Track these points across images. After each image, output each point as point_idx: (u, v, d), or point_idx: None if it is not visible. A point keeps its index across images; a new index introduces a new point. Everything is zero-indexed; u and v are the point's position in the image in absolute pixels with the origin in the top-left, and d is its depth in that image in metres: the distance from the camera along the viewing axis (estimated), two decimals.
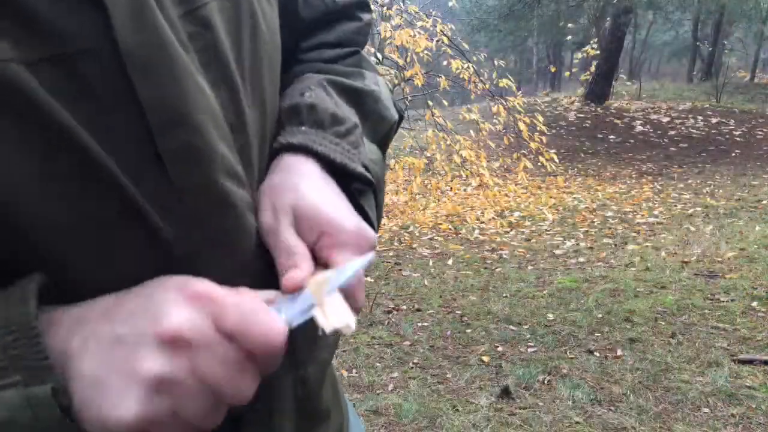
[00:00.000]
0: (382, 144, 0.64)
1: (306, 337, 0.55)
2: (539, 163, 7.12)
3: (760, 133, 10.96)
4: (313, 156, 0.54)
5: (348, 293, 0.44)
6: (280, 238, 0.48)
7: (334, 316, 0.42)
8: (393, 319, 3.72)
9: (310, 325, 0.42)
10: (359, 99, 0.61)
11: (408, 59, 6.88)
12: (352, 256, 0.47)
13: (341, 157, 0.54)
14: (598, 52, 12.88)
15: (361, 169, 0.55)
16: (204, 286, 0.39)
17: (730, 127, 11.36)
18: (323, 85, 0.60)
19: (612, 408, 2.63)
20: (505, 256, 5.09)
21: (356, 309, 0.45)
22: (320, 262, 0.48)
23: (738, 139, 10.69)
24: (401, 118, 0.68)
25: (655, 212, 6.40)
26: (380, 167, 0.60)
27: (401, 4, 7.08)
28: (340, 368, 3.06)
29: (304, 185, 0.51)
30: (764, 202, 6.45)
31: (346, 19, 0.67)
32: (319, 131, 0.55)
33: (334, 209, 0.50)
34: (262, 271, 0.49)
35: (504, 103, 6.99)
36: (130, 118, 0.41)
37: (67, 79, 0.39)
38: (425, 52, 6.47)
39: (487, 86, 6.90)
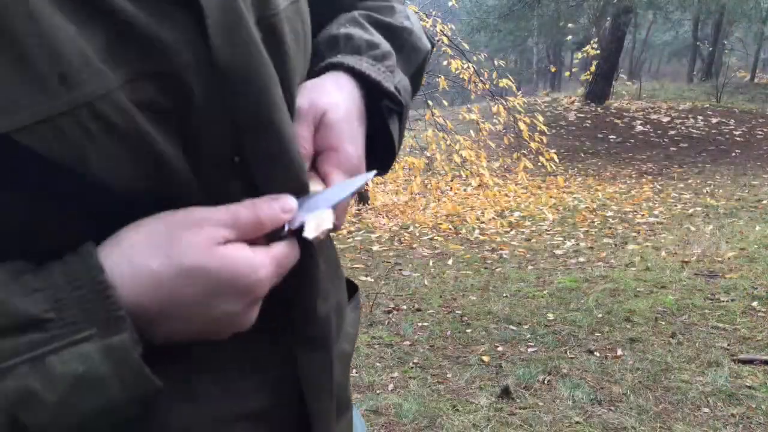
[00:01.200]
0: (416, 75, 0.67)
1: (332, 325, 0.58)
2: (539, 163, 7.12)
3: (760, 133, 10.96)
4: (350, 74, 0.56)
5: (337, 211, 0.49)
6: (299, 127, 0.52)
7: (319, 227, 0.46)
8: (393, 319, 3.72)
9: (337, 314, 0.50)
10: (393, 33, 0.64)
11: None
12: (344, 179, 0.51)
13: (377, 74, 0.57)
14: (598, 52, 12.88)
15: (393, 89, 0.57)
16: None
17: (731, 127, 11.36)
18: (357, 20, 0.63)
19: (612, 408, 2.63)
20: (505, 256, 5.09)
21: (336, 227, 0.49)
22: (317, 170, 0.52)
23: (738, 139, 10.68)
24: (433, 46, 0.71)
25: (656, 212, 6.40)
26: (409, 97, 0.63)
27: None
28: None
29: (340, 98, 0.54)
30: (764, 201, 6.45)
31: None
32: (356, 56, 0.58)
33: (351, 133, 0.54)
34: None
35: (504, 103, 6.99)
36: (222, 130, 0.43)
37: (163, 96, 0.40)
38: None
39: (487, 86, 6.90)
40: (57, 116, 0.36)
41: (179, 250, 0.40)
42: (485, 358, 3.15)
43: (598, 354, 3.15)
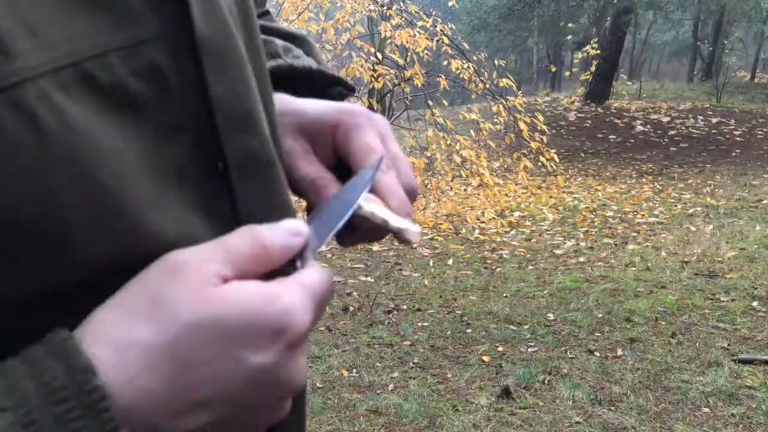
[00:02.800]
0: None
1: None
2: (539, 163, 7.12)
3: (760, 132, 10.96)
4: (286, 78, 0.52)
5: (385, 194, 0.42)
6: (302, 175, 0.45)
7: (393, 217, 0.40)
8: (393, 319, 3.72)
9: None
10: (296, 41, 0.59)
11: (408, 59, 6.88)
12: (372, 135, 0.45)
13: (316, 65, 0.52)
14: (599, 51, 12.88)
15: (335, 74, 0.53)
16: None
17: (731, 127, 11.36)
18: (263, 28, 0.58)
19: (612, 408, 2.63)
20: (505, 255, 5.09)
21: (406, 213, 0.42)
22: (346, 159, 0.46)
23: (738, 138, 10.68)
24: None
25: (656, 212, 6.40)
26: None
27: (401, 3, 7.08)
28: (341, 368, 3.06)
29: (296, 104, 0.49)
30: (764, 201, 6.45)
31: None
32: (278, 59, 0.53)
33: (336, 104, 0.48)
34: None
35: (504, 102, 6.99)
36: (198, 119, 0.35)
37: (138, 72, 0.32)
38: (425, 51, 6.47)
39: (488, 86, 6.91)
40: None
41: (169, 309, 0.29)
42: (485, 358, 3.15)
43: (598, 354, 3.15)
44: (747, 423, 2.46)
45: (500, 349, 3.27)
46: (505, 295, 4.10)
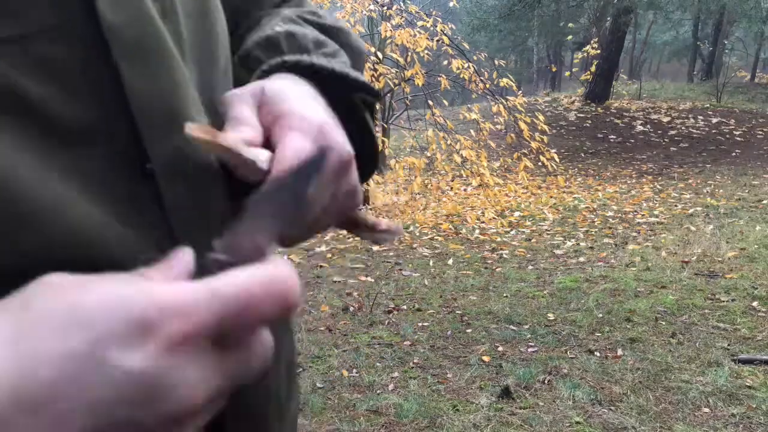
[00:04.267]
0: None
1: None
2: (540, 163, 7.12)
3: (760, 132, 10.96)
4: (306, 74, 0.46)
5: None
6: (233, 110, 0.39)
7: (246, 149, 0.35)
8: (393, 319, 3.72)
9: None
10: (329, 33, 0.54)
11: (408, 59, 6.88)
12: (301, 141, 0.38)
13: (341, 66, 0.47)
14: (599, 51, 12.88)
15: (364, 79, 0.48)
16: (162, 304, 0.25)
17: (731, 127, 11.36)
18: (293, 18, 0.53)
19: (612, 408, 2.63)
20: (505, 255, 5.09)
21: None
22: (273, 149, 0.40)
23: (738, 138, 10.68)
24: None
25: (656, 212, 6.40)
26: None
27: (401, 4, 7.08)
28: (341, 368, 3.06)
29: (286, 82, 0.43)
30: (765, 201, 6.45)
31: None
32: (306, 54, 0.48)
33: (302, 101, 0.41)
34: None
35: (504, 102, 6.99)
36: (113, 120, 0.32)
37: (24, 70, 0.29)
38: (425, 51, 6.48)
39: (488, 86, 6.90)
40: None
41: (21, 302, 0.25)
42: (485, 358, 3.15)
43: (598, 354, 3.15)
44: (747, 423, 2.46)
45: (500, 349, 3.27)
46: (505, 295, 4.10)
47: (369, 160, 0.50)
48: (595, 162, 9.82)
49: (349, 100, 0.48)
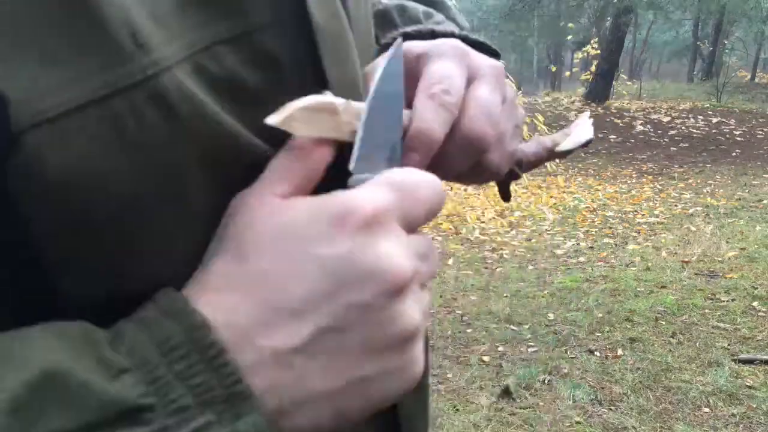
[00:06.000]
0: None
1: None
2: None
3: (760, 132, 10.96)
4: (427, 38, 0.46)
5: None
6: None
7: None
8: None
9: None
10: (435, 6, 0.55)
11: None
12: (448, 65, 0.39)
13: (458, 31, 0.48)
14: (599, 51, 12.88)
15: (482, 39, 0.48)
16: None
17: (731, 127, 11.36)
18: None
19: (612, 408, 2.63)
20: (505, 255, 5.09)
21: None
22: None
23: (738, 138, 10.69)
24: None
25: (656, 212, 6.40)
26: None
27: None
28: None
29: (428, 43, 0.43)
30: (765, 201, 6.45)
31: None
32: (418, 24, 0.48)
33: (468, 55, 0.41)
34: None
35: None
36: None
37: (251, 62, 0.31)
38: None
39: None
40: (131, 88, 0.26)
41: (234, 236, 0.30)
42: (485, 358, 3.15)
43: (598, 354, 3.14)
44: (747, 423, 2.46)
45: (500, 349, 3.27)
46: (505, 295, 4.10)
47: None
48: (595, 162, 9.83)
49: None
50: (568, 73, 18.42)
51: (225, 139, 0.30)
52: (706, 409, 2.57)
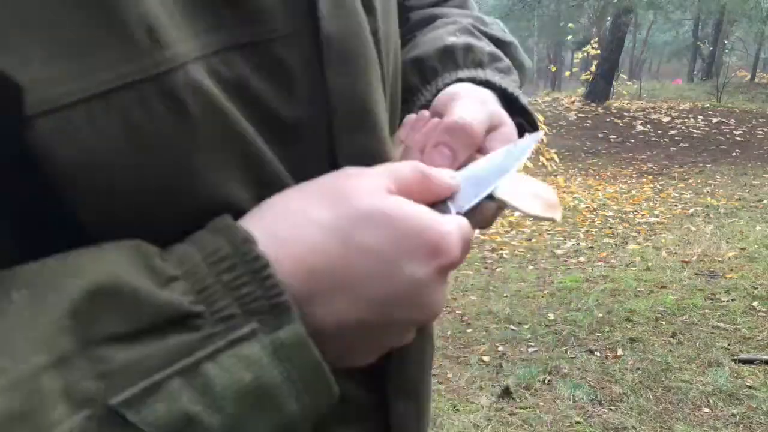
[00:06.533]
0: None
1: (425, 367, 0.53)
2: (540, 163, 7.12)
3: (760, 132, 10.96)
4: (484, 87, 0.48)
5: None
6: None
7: (527, 201, 0.39)
8: None
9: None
10: (503, 47, 0.56)
11: None
12: (470, 105, 0.43)
13: (513, 87, 0.49)
14: (599, 51, 12.87)
15: (530, 107, 0.50)
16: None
17: (731, 127, 11.36)
18: (469, 29, 0.54)
19: (612, 408, 2.63)
20: (505, 255, 5.09)
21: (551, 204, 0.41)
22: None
23: (738, 138, 10.68)
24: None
25: (656, 212, 6.40)
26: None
27: None
28: None
29: (467, 88, 0.46)
30: (765, 201, 6.44)
31: None
32: (480, 69, 0.50)
33: (476, 98, 0.44)
34: None
35: None
36: (317, 118, 0.36)
37: (257, 74, 0.33)
38: None
39: None
40: (142, 82, 0.27)
41: (348, 197, 0.31)
42: (485, 358, 3.15)
43: (598, 354, 3.14)
44: (747, 423, 2.46)
45: (500, 349, 3.27)
46: (505, 295, 4.10)
47: None
48: (595, 162, 9.82)
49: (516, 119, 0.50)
50: (568, 73, 18.41)
51: (232, 137, 0.31)
52: (706, 409, 2.57)
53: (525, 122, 0.51)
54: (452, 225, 0.33)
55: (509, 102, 0.49)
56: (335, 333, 0.31)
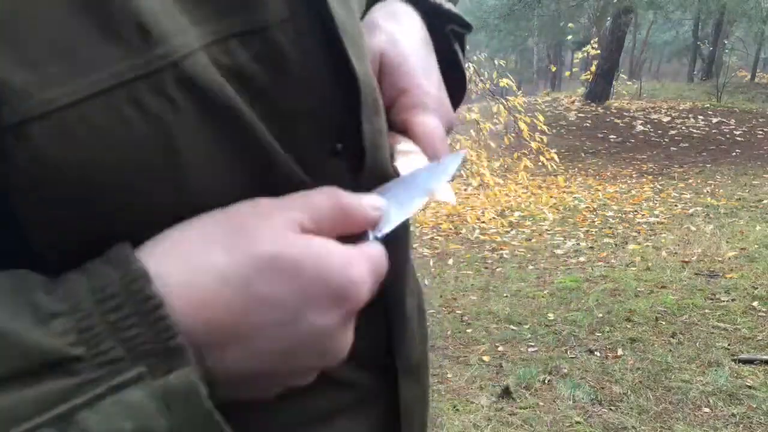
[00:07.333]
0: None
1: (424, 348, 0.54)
2: (540, 163, 7.12)
3: (760, 132, 10.96)
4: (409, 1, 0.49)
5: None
6: None
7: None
8: None
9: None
10: None
11: None
12: (432, 120, 0.42)
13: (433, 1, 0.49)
14: (599, 51, 12.87)
15: (456, 10, 0.51)
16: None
17: (731, 127, 11.36)
18: None
19: (612, 408, 2.63)
20: (505, 255, 5.09)
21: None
22: (395, 126, 0.43)
23: (738, 138, 10.68)
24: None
25: (656, 212, 6.40)
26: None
27: None
28: None
29: (396, 27, 0.45)
30: (765, 201, 6.44)
31: None
32: None
33: (419, 65, 0.44)
34: None
35: (504, 102, 6.99)
36: (322, 104, 0.35)
37: (256, 62, 0.32)
38: None
39: (488, 86, 6.90)
40: (135, 80, 0.27)
41: (251, 240, 0.29)
42: (486, 358, 3.15)
43: (598, 354, 3.14)
44: (747, 423, 2.46)
45: (500, 349, 3.27)
46: (505, 295, 4.10)
47: (456, 91, 0.51)
48: (595, 162, 9.82)
49: (442, 30, 0.50)
50: (568, 73, 18.39)
51: (233, 129, 0.31)
52: (706, 409, 2.57)
53: (458, 26, 0.51)
54: (362, 266, 0.31)
55: (435, 11, 0.50)
56: (231, 381, 0.29)
